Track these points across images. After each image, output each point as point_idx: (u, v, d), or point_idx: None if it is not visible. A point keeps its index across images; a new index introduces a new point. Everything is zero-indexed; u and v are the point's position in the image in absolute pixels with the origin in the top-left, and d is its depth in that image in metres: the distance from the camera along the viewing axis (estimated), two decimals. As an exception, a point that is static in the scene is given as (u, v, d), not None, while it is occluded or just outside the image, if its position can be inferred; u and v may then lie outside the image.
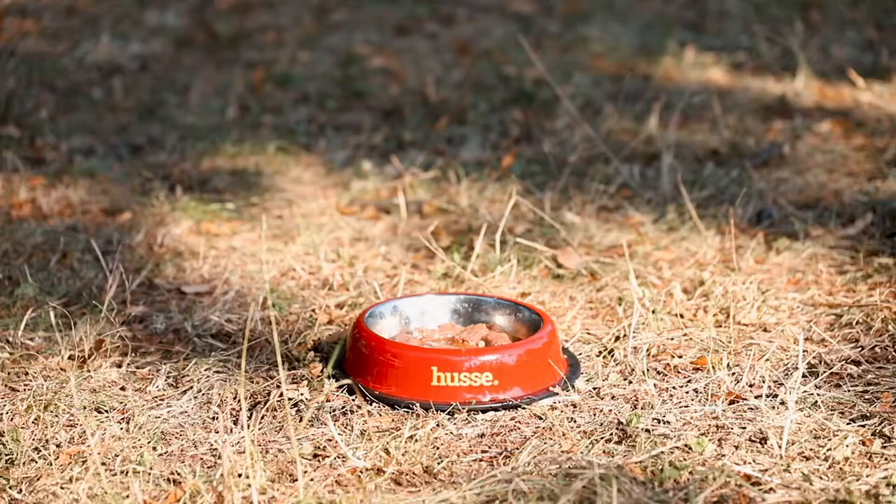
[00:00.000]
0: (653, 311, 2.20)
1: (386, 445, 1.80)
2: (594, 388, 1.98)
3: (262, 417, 1.88)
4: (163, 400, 1.96)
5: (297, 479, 1.70)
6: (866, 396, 1.93)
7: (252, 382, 1.99)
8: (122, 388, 1.99)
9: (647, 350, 2.08)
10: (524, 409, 1.92)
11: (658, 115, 3.17)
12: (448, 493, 1.67)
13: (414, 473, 1.75)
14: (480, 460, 1.79)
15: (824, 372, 1.99)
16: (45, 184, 2.88)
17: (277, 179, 2.95)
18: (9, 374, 2.02)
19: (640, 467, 1.73)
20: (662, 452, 1.76)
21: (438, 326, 2.13)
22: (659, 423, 1.87)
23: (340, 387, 1.96)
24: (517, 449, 1.80)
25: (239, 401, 1.92)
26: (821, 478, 1.71)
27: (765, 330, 2.17)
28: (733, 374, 2.00)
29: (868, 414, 1.87)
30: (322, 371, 2.01)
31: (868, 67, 3.66)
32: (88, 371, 2.03)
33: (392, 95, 3.56)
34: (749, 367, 2.00)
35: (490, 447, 1.82)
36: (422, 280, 2.40)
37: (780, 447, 1.77)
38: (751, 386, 1.97)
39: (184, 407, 1.93)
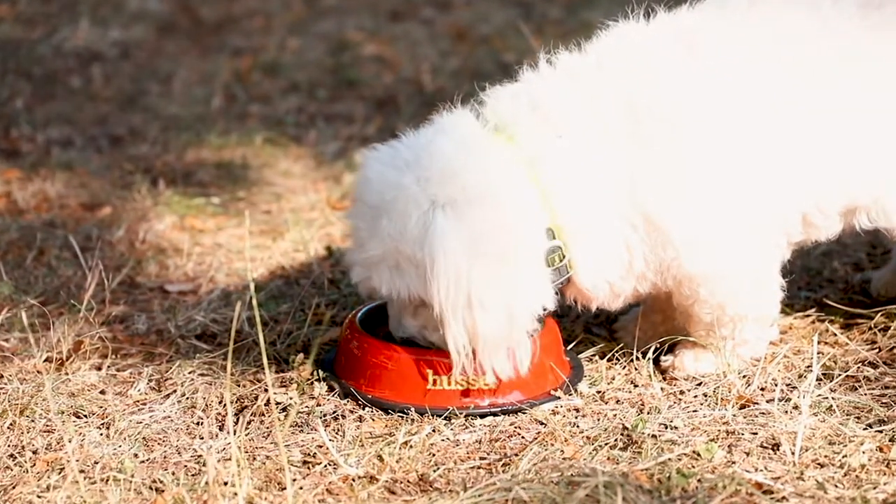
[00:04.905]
0: (657, 310, 2.16)
1: (379, 452, 1.77)
2: (598, 392, 1.94)
3: (249, 422, 1.85)
4: (145, 404, 1.93)
5: (285, 488, 1.66)
6: (883, 400, 1.89)
7: (238, 386, 1.96)
8: (102, 392, 1.96)
9: (654, 351, 2.03)
10: (524, 413, 1.88)
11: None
12: (445, 501, 1.64)
13: (409, 481, 1.71)
14: (479, 467, 1.75)
15: (839, 375, 1.95)
16: (20, 177, 2.84)
17: (265, 172, 2.92)
18: (-18, 376, 1.99)
19: (647, 474, 1.70)
20: (670, 459, 1.73)
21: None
22: (666, 428, 1.83)
23: (332, 390, 1.93)
24: (517, 455, 1.77)
25: (224, 405, 1.89)
26: (836, 486, 1.68)
27: (776, 330, 2.14)
28: (744, 377, 1.96)
29: (885, 419, 1.83)
30: (312, 374, 1.97)
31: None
32: (66, 374, 2.00)
33: (386, 84, 3.53)
34: (760, 370, 1.96)
35: (489, 454, 1.79)
36: (416, 277, 2.38)
37: (793, 453, 1.74)
38: (762, 389, 1.93)
39: (167, 411, 1.90)
